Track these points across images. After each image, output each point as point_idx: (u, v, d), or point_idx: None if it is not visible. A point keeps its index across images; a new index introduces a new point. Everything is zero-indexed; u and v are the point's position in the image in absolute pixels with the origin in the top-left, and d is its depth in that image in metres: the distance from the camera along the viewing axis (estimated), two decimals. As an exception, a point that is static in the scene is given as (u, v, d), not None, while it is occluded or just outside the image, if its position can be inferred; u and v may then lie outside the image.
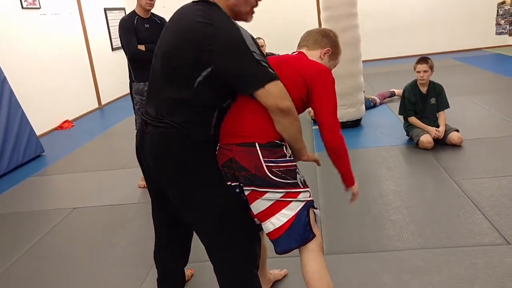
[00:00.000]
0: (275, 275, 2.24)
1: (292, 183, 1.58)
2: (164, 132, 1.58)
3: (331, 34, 1.83)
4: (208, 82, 1.50)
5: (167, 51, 1.58)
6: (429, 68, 3.94)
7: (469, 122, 4.49)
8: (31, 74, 6.11)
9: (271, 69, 1.51)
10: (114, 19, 8.52)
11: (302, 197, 1.60)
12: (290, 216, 1.57)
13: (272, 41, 8.96)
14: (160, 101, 1.60)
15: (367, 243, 2.53)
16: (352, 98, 4.69)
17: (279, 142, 1.59)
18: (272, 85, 1.48)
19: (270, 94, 1.48)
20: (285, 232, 1.58)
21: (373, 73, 7.90)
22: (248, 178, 1.56)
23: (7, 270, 2.73)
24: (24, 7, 6.12)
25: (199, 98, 1.53)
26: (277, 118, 1.53)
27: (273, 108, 1.50)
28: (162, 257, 1.98)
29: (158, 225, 1.95)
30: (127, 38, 3.43)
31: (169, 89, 1.57)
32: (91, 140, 5.65)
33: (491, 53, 8.75)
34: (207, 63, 1.48)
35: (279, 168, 1.56)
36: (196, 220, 1.69)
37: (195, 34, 1.49)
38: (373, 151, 4.02)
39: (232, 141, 1.58)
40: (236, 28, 1.49)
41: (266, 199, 1.57)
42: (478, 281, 2.08)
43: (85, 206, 3.56)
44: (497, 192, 2.95)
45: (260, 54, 1.50)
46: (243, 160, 1.55)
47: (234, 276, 1.69)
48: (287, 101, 1.50)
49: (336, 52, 1.84)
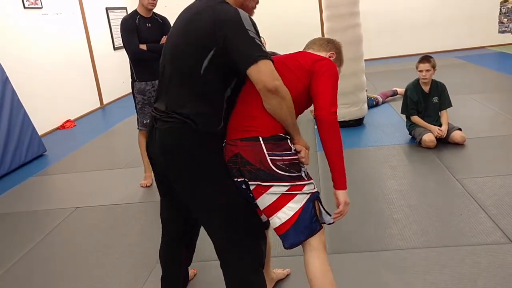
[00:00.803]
0: (278, 274, 2.24)
1: (297, 176, 1.59)
2: (173, 127, 1.60)
3: (336, 42, 1.89)
4: (213, 67, 1.55)
5: (174, 45, 1.64)
6: (432, 67, 3.93)
7: (472, 120, 4.47)
8: (33, 74, 6.12)
9: (264, 48, 1.54)
10: (116, 19, 8.52)
11: (307, 190, 1.61)
12: (296, 209, 1.58)
13: (274, 40, 8.95)
14: (171, 95, 1.64)
15: (370, 242, 2.52)
16: (354, 97, 4.68)
17: (282, 135, 1.60)
18: (264, 63, 1.50)
19: (261, 71, 1.50)
20: (293, 225, 1.58)
21: (375, 72, 7.88)
22: (253, 172, 1.57)
23: (9, 269, 2.73)
24: (26, 7, 6.13)
25: (208, 85, 1.57)
26: (264, 98, 1.55)
27: (261, 86, 1.52)
28: (168, 254, 1.99)
29: (166, 222, 1.96)
30: (128, 37, 3.43)
31: (178, 82, 1.61)
32: (93, 140, 5.65)
33: (494, 51, 8.71)
34: (209, 46, 1.53)
35: (284, 162, 1.57)
36: (203, 216, 1.71)
37: (198, 22, 1.56)
38: (376, 150, 4.01)
39: (237, 136, 1.60)
40: (232, 8, 1.56)
41: (272, 193, 1.58)
42: (481, 280, 2.08)
43: (87, 205, 3.56)
44: (501, 191, 2.94)
45: (255, 31, 1.54)
46: (248, 155, 1.57)
47: (239, 273, 1.70)
48: (275, 81, 1.51)
49: (340, 58, 1.87)
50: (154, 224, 2.87)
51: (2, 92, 4.73)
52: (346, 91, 4.61)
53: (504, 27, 8.99)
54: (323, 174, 3.48)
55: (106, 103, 8.04)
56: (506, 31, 8.98)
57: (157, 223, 2.06)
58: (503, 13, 8.95)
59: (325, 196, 3.17)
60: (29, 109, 5.24)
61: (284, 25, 9.04)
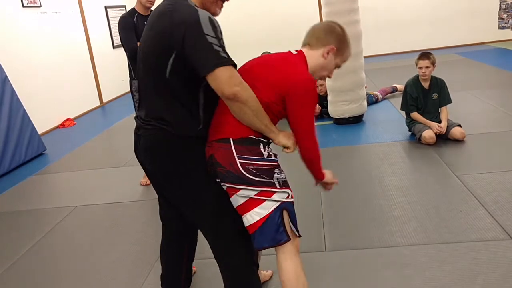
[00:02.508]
0: (264, 276, 2.24)
1: (267, 182, 1.56)
2: (154, 134, 1.61)
3: (337, 29, 1.72)
4: (178, 69, 1.52)
5: (142, 51, 1.63)
6: (431, 64, 3.92)
7: (472, 117, 4.47)
8: (32, 73, 6.11)
9: (224, 54, 1.47)
10: (114, 17, 8.51)
11: (277, 197, 1.57)
12: (262, 215, 1.56)
13: (273, 37, 8.97)
14: (148, 102, 1.64)
15: (369, 239, 2.52)
16: (354, 94, 4.67)
17: (255, 138, 1.57)
18: (220, 70, 1.45)
19: (217, 79, 1.46)
20: (258, 230, 1.57)
21: (375, 68, 7.87)
22: (224, 174, 1.56)
23: (9, 268, 2.73)
24: (24, 6, 6.12)
25: (177, 89, 1.55)
26: (227, 104, 1.52)
27: (220, 94, 1.49)
28: (170, 251, 1.99)
29: (165, 220, 1.96)
30: (126, 35, 3.43)
31: (151, 87, 1.61)
32: (92, 138, 5.65)
33: (493, 47, 8.70)
34: (170, 49, 1.49)
35: (253, 166, 1.54)
36: (194, 217, 1.73)
37: (159, 25, 1.53)
38: (375, 147, 4.01)
39: (213, 137, 1.60)
40: (193, 9, 1.49)
41: (241, 196, 1.57)
42: (480, 276, 2.08)
43: (87, 204, 3.56)
44: (500, 187, 2.94)
45: (214, 36, 1.47)
46: (220, 157, 1.56)
47: (234, 273, 1.71)
48: (233, 87, 1.45)
49: (343, 48, 1.72)
50: (154, 222, 2.87)
51: (1, 91, 4.72)
52: (346, 88, 4.60)
53: (504, 23, 8.98)
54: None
55: (105, 101, 8.03)
56: (506, 27, 8.97)
57: (157, 221, 2.06)
58: (502, 9, 8.93)
59: (326, 192, 3.18)
60: (29, 108, 5.24)
61: (283, 22, 9.01)
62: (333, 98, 4.76)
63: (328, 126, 4.86)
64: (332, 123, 4.91)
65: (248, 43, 8.43)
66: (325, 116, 5.06)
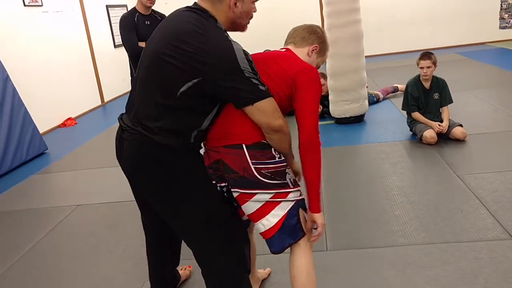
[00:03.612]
0: (262, 274, 2.25)
1: (282, 183, 1.58)
2: (138, 139, 1.54)
3: (318, 30, 1.81)
4: (191, 93, 1.46)
5: (156, 56, 1.51)
6: (432, 64, 3.92)
7: (473, 116, 4.47)
8: (34, 72, 6.11)
9: (262, 86, 1.49)
10: (116, 16, 8.50)
11: (292, 197, 1.61)
12: (280, 216, 1.58)
13: (274, 36, 8.95)
14: (142, 105, 1.56)
15: (371, 239, 2.53)
16: (355, 94, 4.67)
17: (266, 142, 1.58)
18: (263, 103, 1.49)
19: (262, 112, 1.49)
20: (277, 232, 1.59)
21: (376, 68, 7.87)
22: (237, 180, 1.55)
23: (10, 268, 2.74)
24: (26, 5, 6.12)
25: (182, 108, 1.50)
26: (267, 134, 1.55)
27: (265, 126, 1.52)
28: (153, 256, 2.00)
29: (147, 228, 1.97)
30: (127, 35, 3.44)
31: (152, 94, 1.52)
32: (94, 137, 5.65)
33: (495, 47, 8.69)
34: (195, 74, 1.44)
35: (268, 170, 1.55)
36: (181, 230, 1.68)
37: (187, 44, 1.44)
38: (377, 147, 4.01)
39: (220, 143, 1.58)
40: (228, 43, 1.46)
41: (256, 201, 1.57)
42: (482, 276, 2.08)
43: (89, 203, 3.57)
44: (501, 187, 2.94)
45: (251, 70, 1.47)
46: (231, 163, 1.55)
47: (224, 282, 1.67)
48: (279, 120, 1.52)
49: (324, 48, 1.82)
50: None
51: (3, 91, 4.73)
52: (347, 88, 4.60)
53: (505, 22, 8.97)
54: (325, 170, 3.48)
55: (107, 100, 8.04)
56: (507, 27, 8.96)
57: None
58: (504, 9, 8.92)
59: (328, 192, 3.18)
60: (30, 107, 5.24)
61: (284, 21, 8.96)
62: (334, 98, 4.76)
63: (329, 125, 4.86)
64: (333, 122, 4.91)
65: (248, 43, 8.41)
66: (326, 115, 5.06)
